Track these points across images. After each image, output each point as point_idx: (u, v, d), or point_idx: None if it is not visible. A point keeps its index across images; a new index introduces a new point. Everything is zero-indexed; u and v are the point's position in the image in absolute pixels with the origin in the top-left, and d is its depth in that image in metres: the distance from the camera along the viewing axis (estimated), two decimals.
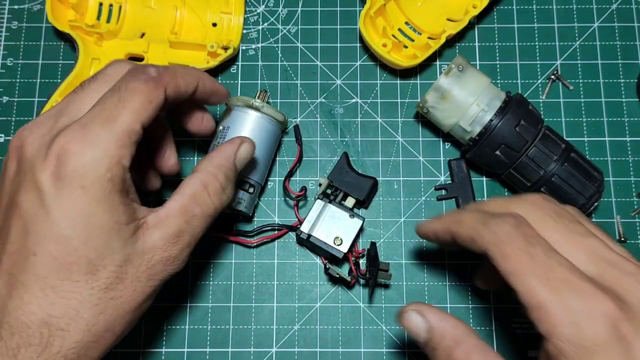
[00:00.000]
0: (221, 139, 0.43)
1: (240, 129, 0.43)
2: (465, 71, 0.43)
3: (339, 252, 0.43)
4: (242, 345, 0.45)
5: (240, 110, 0.44)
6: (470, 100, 0.43)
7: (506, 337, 0.45)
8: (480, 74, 0.44)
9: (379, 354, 0.45)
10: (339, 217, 0.44)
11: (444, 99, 0.43)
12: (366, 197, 0.45)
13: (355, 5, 0.52)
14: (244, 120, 0.43)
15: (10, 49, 0.51)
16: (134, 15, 0.51)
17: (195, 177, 0.36)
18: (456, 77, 0.43)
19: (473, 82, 0.43)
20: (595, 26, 0.51)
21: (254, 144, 0.40)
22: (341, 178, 0.45)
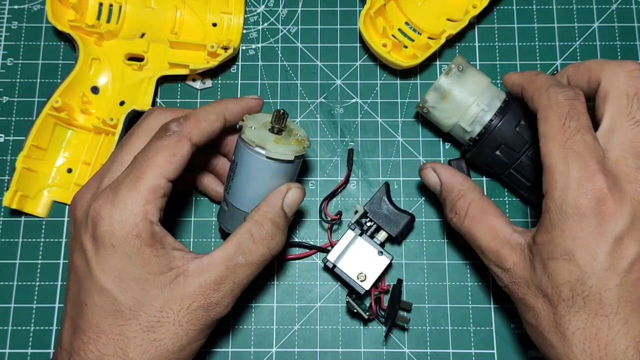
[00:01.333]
0: (232, 174, 0.40)
1: (247, 170, 0.39)
2: (465, 71, 0.43)
3: (361, 288, 0.42)
4: (242, 345, 0.45)
5: (245, 148, 0.38)
6: (470, 100, 0.42)
7: (506, 337, 0.45)
8: (480, 74, 0.44)
9: (379, 354, 0.45)
10: (367, 253, 0.43)
11: (444, 99, 0.43)
12: (399, 233, 0.44)
13: (355, 5, 0.52)
14: (249, 162, 0.38)
15: (10, 49, 0.51)
16: (134, 15, 0.51)
17: (242, 226, 0.38)
18: (456, 77, 0.43)
19: (473, 82, 0.43)
20: (595, 26, 0.51)
21: (303, 188, 0.39)
22: (377, 210, 0.44)
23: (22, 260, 0.47)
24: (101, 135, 0.48)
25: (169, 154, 0.36)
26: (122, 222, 0.34)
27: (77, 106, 0.48)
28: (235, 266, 0.36)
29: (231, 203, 0.40)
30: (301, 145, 0.39)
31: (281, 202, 0.38)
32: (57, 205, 0.48)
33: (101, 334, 0.34)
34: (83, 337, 0.34)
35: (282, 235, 0.38)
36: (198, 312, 0.35)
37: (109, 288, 0.34)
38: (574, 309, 0.33)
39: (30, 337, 0.45)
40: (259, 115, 0.41)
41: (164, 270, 0.35)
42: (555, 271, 0.34)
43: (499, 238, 0.38)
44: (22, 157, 0.46)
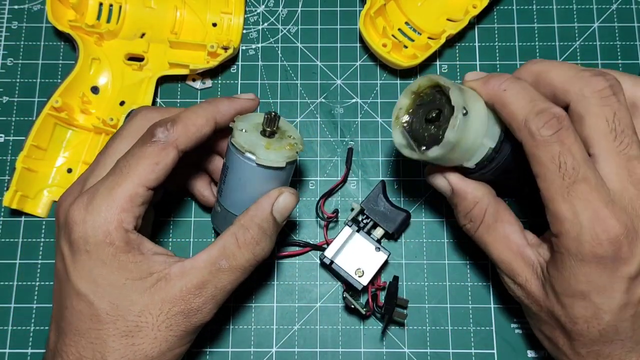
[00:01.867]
0: (223, 177, 0.39)
1: (238, 175, 0.38)
2: (469, 112, 0.34)
3: (358, 284, 0.42)
4: (242, 345, 0.45)
5: (235, 153, 0.37)
6: (479, 141, 0.35)
7: (506, 337, 0.45)
8: (477, 101, 0.36)
9: (379, 354, 0.45)
10: (365, 248, 0.43)
11: (452, 151, 0.35)
12: (396, 230, 0.45)
13: (355, 5, 0.52)
14: (239, 167, 0.37)
15: (10, 49, 0.51)
16: (134, 15, 0.51)
17: (228, 230, 0.37)
18: (463, 125, 0.34)
19: (478, 120, 0.35)
20: (595, 26, 0.51)
21: (296, 193, 0.38)
22: (374, 207, 0.45)
23: (22, 260, 0.47)
24: (101, 135, 0.48)
25: (152, 162, 0.35)
26: (95, 229, 0.34)
27: (77, 106, 0.48)
28: (218, 270, 0.35)
29: (223, 205, 0.39)
30: (293, 150, 0.38)
31: (270, 207, 0.37)
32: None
33: (81, 337, 0.34)
34: (65, 339, 0.35)
35: (269, 241, 0.37)
36: (178, 318, 0.35)
37: (86, 292, 0.34)
38: (589, 337, 0.34)
39: (30, 337, 0.45)
40: (251, 116, 0.40)
41: (144, 275, 0.34)
42: (568, 305, 0.34)
43: (512, 250, 0.37)
44: (22, 157, 0.46)
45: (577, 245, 0.32)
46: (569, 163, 0.32)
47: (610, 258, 0.31)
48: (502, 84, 0.35)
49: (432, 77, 0.36)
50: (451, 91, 0.34)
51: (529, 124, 0.33)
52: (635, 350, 0.34)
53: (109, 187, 0.34)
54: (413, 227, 0.47)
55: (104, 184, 0.35)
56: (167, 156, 0.35)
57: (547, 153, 0.32)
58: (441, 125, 0.36)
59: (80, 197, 0.35)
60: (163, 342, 0.35)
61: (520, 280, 0.36)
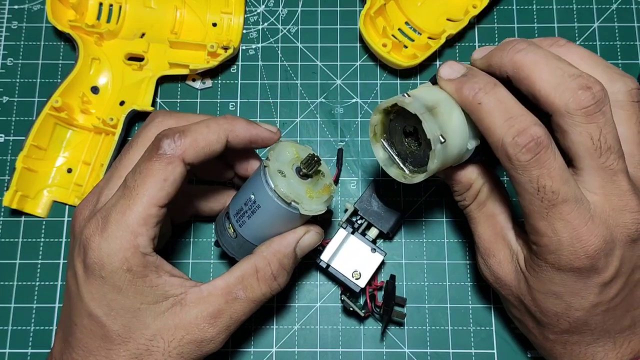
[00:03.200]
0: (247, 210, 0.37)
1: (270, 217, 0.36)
2: (446, 136, 0.33)
3: (356, 286, 0.42)
4: (242, 345, 0.45)
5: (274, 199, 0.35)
6: (463, 149, 0.35)
7: (506, 337, 0.45)
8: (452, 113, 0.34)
9: (379, 354, 0.45)
10: (360, 250, 0.43)
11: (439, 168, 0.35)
12: (390, 230, 0.45)
13: (355, 5, 0.52)
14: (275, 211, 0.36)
15: (10, 49, 0.51)
16: (134, 15, 0.51)
17: (249, 259, 0.36)
18: (443, 151, 0.33)
19: (457, 139, 0.34)
20: (595, 26, 0.51)
21: (322, 232, 0.38)
22: (367, 207, 0.45)
23: (22, 260, 0.47)
24: (101, 135, 0.48)
25: (159, 179, 0.33)
26: (110, 256, 0.33)
27: (77, 106, 0.48)
28: (234, 300, 0.35)
29: (242, 236, 0.38)
30: (330, 193, 0.37)
31: (295, 244, 0.37)
32: (57, 205, 0.48)
33: (89, 354, 0.34)
34: (72, 353, 0.34)
35: (286, 277, 0.37)
36: (190, 346, 0.34)
37: (98, 315, 0.33)
38: (559, 328, 0.35)
39: (30, 337, 0.45)
40: (280, 148, 0.38)
41: (159, 299, 0.34)
42: (540, 300, 0.35)
43: (495, 228, 0.37)
44: (22, 157, 0.46)
45: (555, 257, 0.32)
46: (548, 187, 0.31)
47: (586, 269, 0.32)
48: (476, 94, 0.32)
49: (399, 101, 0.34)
50: (424, 122, 0.33)
51: (505, 147, 0.31)
52: (603, 337, 0.35)
53: (121, 211, 0.33)
54: (413, 227, 0.47)
55: (115, 206, 0.33)
56: (174, 171, 0.33)
57: (525, 177, 0.31)
58: (420, 142, 0.35)
59: (95, 218, 0.34)
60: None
61: (493, 261, 0.37)
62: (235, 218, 0.38)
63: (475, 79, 0.33)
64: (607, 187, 0.32)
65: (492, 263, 0.37)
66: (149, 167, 0.33)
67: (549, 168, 0.31)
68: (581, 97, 0.31)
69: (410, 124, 0.35)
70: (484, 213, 0.38)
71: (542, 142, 0.31)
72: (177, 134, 0.34)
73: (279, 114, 0.50)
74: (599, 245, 0.31)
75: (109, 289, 0.33)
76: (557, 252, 0.32)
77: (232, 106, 0.50)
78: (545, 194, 0.31)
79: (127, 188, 0.34)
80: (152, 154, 0.34)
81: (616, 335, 0.35)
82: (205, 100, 0.50)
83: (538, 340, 0.38)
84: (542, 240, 0.32)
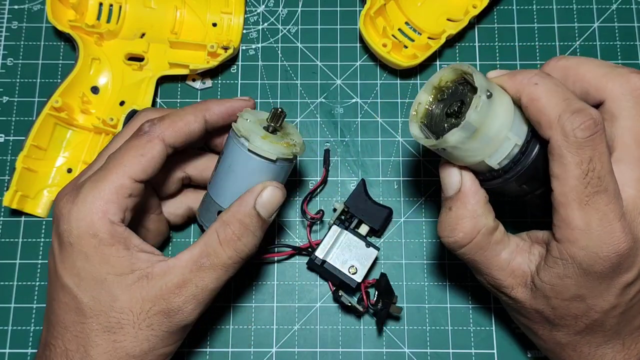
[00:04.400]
0: (217, 164, 0.38)
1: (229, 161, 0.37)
2: (493, 96, 0.32)
3: (353, 281, 0.42)
4: (242, 345, 0.45)
5: (232, 137, 0.37)
6: (503, 134, 0.32)
7: (506, 337, 0.45)
8: (503, 94, 0.33)
9: (379, 354, 0.45)
10: (355, 245, 0.43)
11: (473, 138, 0.32)
12: (380, 226, 0.45)
13: (355, 5, 0.52)
14: (232, 152, 0.37)
15: (10, 49, 0.51)
16: (134, 15, 0.51)
17: (211, 227, 0.36)
18: (487, 108, 0.31)
19: (503, 109, 0.32)
20: (595, 26, 0.51)
21: (281, 187, 0.37)
22: (357, 205, 0.45)
23: (22, 260, 0.47)
24: (101, 135, 0.48)
25: (137, 153, 0.35)
26: (79, 220, 0.34)
27: (77, 106, 0.48)
28: (199, 269, 0.35)
29: (209, 193, 0.39)
30: (290, 149, 0.37)
31: (253, 202, 0.36)
32: None
33: (66, 330, 0.34)
34: (53, 331, 0.35)
35: (252, 237, 0.36)
36: (158, 317, 0.34)
37: (70, 286, 0.34)
38: (574, 330, 0.34)
39: (30, 337, 0.45)
40: (259, 112, 0.39)
41: (126, 271, 0.34)
42: (560, 307, 0.34)
43: (503, 268, 0.35)
44: (22, 157, 0.46)
45: (584, 255, 0.31)
46: (597, 171, 0.30)
47: (612, 268, 0.31)
48: (532, 77, 0.32)
49: (456, 66, 0.33)
50: (475, 76, 0.32)
51: (563, 121, 0.30)
52: (614, 339, 0.35)
53: (96, 179, 0.35)
54: (413, 227, 0.47)
55: (91, 177, 0.35)
56: (152, 148, 0.35)
57: (576, 156, 0.30)
58: (463, 114, 0.33)
59: (71, 191, 0.35)
60: (144, 341, 0.34)
61: (505, 290, 0.36)
62: (210, 179, 0.39)
63: (528, 70, 0.33)
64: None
65: (505, 292, 0.36)
66: (128, 144, 0.36)
67: (601, 152, 0.30)
68: (634, 80, 0.31)
69: (456, 100, 0.34)
70: (488, 257, 0.35)
71: (599, 123, 0.30)
72: (157, 117, 0.37)
73: None
74: (628, 244, 0.31)
75: (77, 256, 0.34)
76: (587, 248, 0.31)
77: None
78: (592, 178, 0.30)
79: (106, 162, 0.36)
80: (134, 134, 0.36)
81: (625, 337, 0.35)
82: None
83: (547, 345, 0.37)
84: (573, 234, 0.31)
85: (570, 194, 0.31)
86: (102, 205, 0.34)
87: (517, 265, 0.35)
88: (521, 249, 0.35)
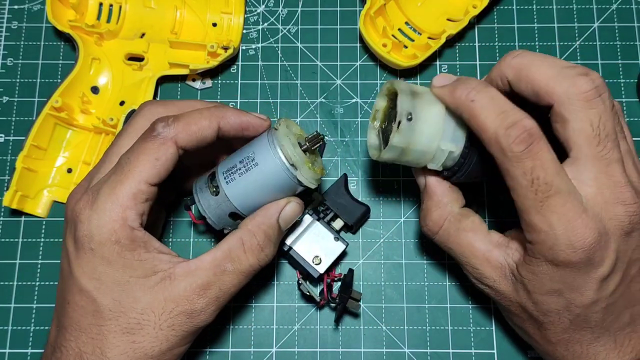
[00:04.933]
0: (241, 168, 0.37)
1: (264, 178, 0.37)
2: (415, 117, 0.35)
3: (315, 271, 0.42)
4: (242, 345, 0.45)
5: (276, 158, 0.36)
6: (434, 145, 0.35)
7: (506, 337, 0.45)
8: (432, 105, 0.36)
9: (379, 354, 0.45)
10: (324, 237, 0.43)
11: (405, 154, 0.36)
12: (355, 222, 0.45)
13: (355, 5, 0.52)
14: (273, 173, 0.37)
15: (10, 49, 0.51)
16: (134, 15, 0.51)
17: (235, 233, 0.37)
18: (408, 129, 0.35)
19: (428, 124, 0.35)
20: (595, 26, 0.51)
21: (302, 204, 0.39)
22: (335, 199, 0.45)
23: (22, 260, 0.47)
24: (101, 135, 0.48)
25: (152, 157, 0.35)
26: (100, 227, 0.34)
27: (77, 106, 0.48)
28: (222, 273, 0.36)
29: (225, 193, 0.37)
30: (322, 174, 0.39)
31: (278, 215, 0.37)
32: (57, 205, 0.48)
33: (81, 332, 0.34)
34: (65, 334, 0.35)
35: (272, 248, 0.38)
36: (180, 318, 0.35)
37: (89, 289, 0.34)
38: (560, 327, 0.35)
39: (30, 337, 0.45)
40: (288, 121, 0.39)
41: (148, 273, 0.35)
42: (541, 301, 0.35)
43: (478, 256, 0.37)
44: (22, 157, 0.46)
45: (553, 253, 0.32)
46: (542, 178, 0.31)
47: (583, 263, 0.32)
48: (469, 93, 0.33)
49: (393, 81, 0.37)
50: (399, 97, 0.35)
51: (499, 138, 0.32)
52: (604, 335, 0.35)
53: (112, 185, 0.35)
54: (413, 227, 0.47)
55: (107, 181, 0.35)
56: (166, 151, 0.35)
57: (519, 169, 0.32)
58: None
59: (86, 194, 0.35)
60: (164, 341, 0.35)
61: (488, 282, 0.37)
62: (224, 175, 0.38)
63: (468, 81, 0.35)
64: (601, 179, 0.32)
65: (488, 283, 0.38)
66: (142, 147, 0.35)
67: (542, 159, 0.31)
68: (580, 83, 0.32)
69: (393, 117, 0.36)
70: (460, 243, 0.38)
71: (534, 133, 0.31)
72: (171, 118, 0.36)
73: (279, 114, 0.50)
74: (594, 238, 0.32)
75: (99, 262, 0.34)
76: (554, 247, 0.32)
77: (232, 106, 0.50)
78: (539, 185, 0.31)
79: (120, 165, 0.35)
80: (147, 135, 0.36)
81: (616, 333, 0.35)
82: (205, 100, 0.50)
83: (541, 346, 0.38)
84: (539, 237, 0.32)
85: (525, 202, 0.32)
86: (122, 212, 0.34)
87: (493, 256, 0.37)
88: (499, 244, 0.37)
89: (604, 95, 0.32)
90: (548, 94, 0.33)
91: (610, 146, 0.32)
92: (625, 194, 0.32)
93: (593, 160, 0.32)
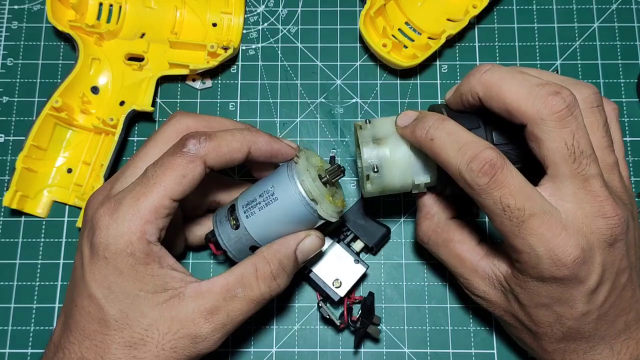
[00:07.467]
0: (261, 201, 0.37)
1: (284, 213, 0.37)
2: (381, 168, 0.37)
3: (335, 294, 0.42)
4: (242, 346, 0.45)
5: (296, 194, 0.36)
6: (409, 181, 0.38)
7: (506, 337, 0.45)
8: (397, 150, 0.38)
9: (379, 354, 0.45)
10: (344, 260, 0.43)
11: (385, 192, 0.39)
12: (375, 244, 0.44)
13: (355, 5, 0.52)
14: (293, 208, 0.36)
15: (10, 49, 0.51)
16: (134, 15, 0.51)
17: (249, 259, 0.37)
18: (378, 179, 0.38)
19: (397, 168, 0.38)
20: (595, 26, 0.51)
21: (322, 238, 0.38)
22: (355, 220, 0.45)
23: (22, 260, 0.47)
24: (101, 135, 0.48)
25: (179, 174, 0.34)
26: (117, 237, 0.33)
27: (77, 106, 0.48)
28: (232, 298, 0.35)
29: (245, 227, 0.37)
30: (343, 206, 0.39)
31: (295, 246, 0.37)
32: (57, 205, 0.48)
33: (85, 338, 0.34)
34: (70, 336, 0.35)
35: (286, 278, 0.37)
36: (184, 341, 0.34)
37: (98, 296, 0.34)
38: (554, 337, 0.35)
39: (30, 337, 0.45)
40: (308, 152, 0.39)
41: (158, 289, 0.34)
42: (532, 313, 0.35)
43: (466, 266, 0.38)
44: (22, 157, 0.46)
45: (537, 271, 0.33)
46: (512, 205, 0.32)
47: (569, 278, 0.32)
48: (427, 132, 0.34)
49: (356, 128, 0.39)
50: (362, 149, 0.37)
51: (462, 175, 0.32)
52: (600, 344, 0.35)
53: (136, 197, 0.34)
54: (413, 227, 0.47)
55: (131, 191, 0.34)
56: (194, 169, 0.34)
57: (488, 200, 0.32)
58: None
59: (109, 201, 0.35)
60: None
61: (478, 292, 0.38)
62: (244, 209, 0.38)
63: (425, 119, 0.35)
64: (579, 194, 0.33)
65: (479, 294, 0.38)
66: (171, 161, 0.35)
67: (508, 187, 0.32)
68: (552, 102, 0.32)
69: None
70: (449, 254, 0.39)
71: (496, 163, 0.32)
72: (203, 136, 0.35)
73: (279, 114, 0.50)
74: (576, 255, 0.32)
75: (111, 271, 0.34)
76: (538, 266, 0.32)
77: (232, 106, 0.50)
78: (511, 212, 0.32)
79: (146, 177, 0.35)
80: (177, 150, 0.35)
81: (612, 341, 0.35)
82: (205, 101, 0.50)
83: (539, 355, 0.38)
84: (522, 257, 0.33)
85: (502, 228, 0.33)
86: (141, 226, 0.34)
87: (480, 267, 0.37)
88: (487, 255, 0.38)
89: (576, 113, 0.32)
90: (520, 114, 0.33)
91: (586, 162, 0.32)
92: (605, 207, 0.32)
93: (570, 177, 0.32)
